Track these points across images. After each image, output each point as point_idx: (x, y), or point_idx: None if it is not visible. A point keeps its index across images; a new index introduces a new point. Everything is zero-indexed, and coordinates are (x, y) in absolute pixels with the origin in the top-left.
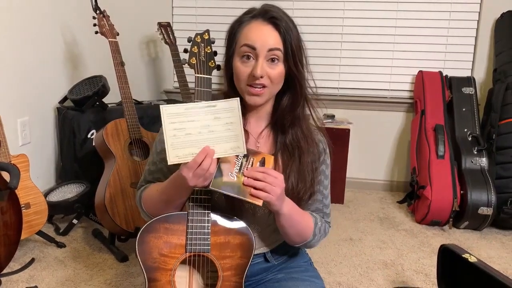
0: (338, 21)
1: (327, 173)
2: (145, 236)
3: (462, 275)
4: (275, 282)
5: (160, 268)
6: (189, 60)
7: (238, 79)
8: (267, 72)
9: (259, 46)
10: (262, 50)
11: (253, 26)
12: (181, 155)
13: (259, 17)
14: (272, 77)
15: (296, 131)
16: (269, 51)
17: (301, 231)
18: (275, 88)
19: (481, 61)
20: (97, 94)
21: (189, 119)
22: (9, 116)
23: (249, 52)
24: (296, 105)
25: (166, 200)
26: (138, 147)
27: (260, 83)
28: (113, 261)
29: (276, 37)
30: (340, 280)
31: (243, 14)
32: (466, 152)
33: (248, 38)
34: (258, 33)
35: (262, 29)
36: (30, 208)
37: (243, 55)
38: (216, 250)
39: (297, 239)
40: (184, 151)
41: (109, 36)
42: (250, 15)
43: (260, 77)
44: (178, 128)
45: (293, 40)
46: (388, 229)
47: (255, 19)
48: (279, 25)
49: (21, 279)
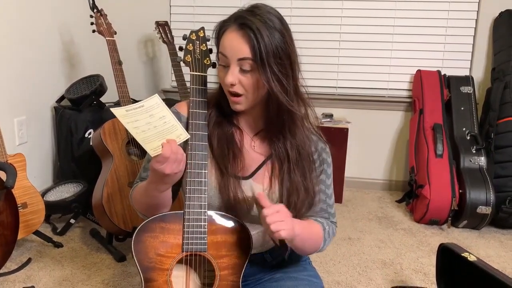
0: (336, 20)
1: (329, 172)
2: (141, 235)
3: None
4: (273, 281)
5: (157, 268)
6: (184, 58)
7: (222, 84)
8: (240, 80)
9: (229, 55)
10: (232, 59)
11: (227, 33)
12: (153, 147)
13: (234, 23)
14: (245, 86)
15: (285, 140)
16: (239, 60)
17: (313, 243)
18: (252, 96)
19: (479, 60)
20: (95, 93)
21: (134, 119)
22: (5, 115)
23: (223, 60)
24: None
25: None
26: (136, 147)
27: (233, 90)
28: (111, 261)
29: (245, 46)
30: (338, 279)
31: (229, 16)
32: (464, 151)
33: (222, 46)
34: (229, 41)
35: (233, 38)
36: (27, 208)
37: (220, 62)
38: (213, 249)
39: (311, 251)
40: (152, 144)
41: (106, 35)
42: (232, 19)
43: (231, 85)
44: (134, 127)
45: (267, 49)
46: (386, 228)
47: (231, 25)
48: (249, 34)
49: (18, 279)
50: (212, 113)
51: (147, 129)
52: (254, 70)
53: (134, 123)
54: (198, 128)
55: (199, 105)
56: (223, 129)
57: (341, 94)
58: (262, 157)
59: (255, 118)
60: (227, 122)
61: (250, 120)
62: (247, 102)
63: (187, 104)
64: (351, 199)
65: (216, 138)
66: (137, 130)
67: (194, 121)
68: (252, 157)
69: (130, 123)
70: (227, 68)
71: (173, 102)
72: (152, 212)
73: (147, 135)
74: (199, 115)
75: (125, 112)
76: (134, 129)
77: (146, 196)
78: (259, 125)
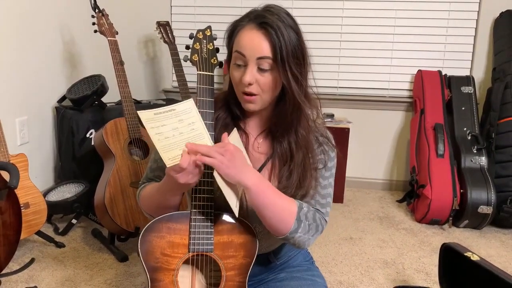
0: (337, 21)
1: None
2: (147, 235)
3: (464, 273)
4: (277, 281)
5: (163, 268)
6: (191, 57)
7: (234, 84)
8: (257, 79)
9: (248, 54)
10: (251, 58)
11: (246, 32)
12: (171, 157)
13: (253, 22)
14: (262, 85)
15: (290, 140)
16: (258, 59)
17: (280, 215)
18: (267, 95)
19: (480, 60)
20: (96, 93)
21: (160, 124)
22: (7, 116)
23: (240, 58)
24: (286, 115)
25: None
26: (138, 147)
27: (249, 91)
28: (113, 261)
29: (266, 45)
30: (341, 279)
31: (242, 16)
32: (465, 151)
33: (239, 45)
34: (248, 40)
35: (253, 36)
36: (29, 208)
37: (235, 62)
38: (219, 250)
39: (279, 224)
40: (173, 153)
41: (108, 35)
42: (247, 19)
43: (248, 84)
44: (158, 132)
45: (287, 48)
46: (388, 228)
47: (249, 24)
48: (270, 32)
49: (20, 279)
50: (219, 115)
51: (171, 136)
52: (272, 69)
53: (159, 128)
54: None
55: (206, 104)
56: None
57: (342, 94)
58: (264, 157)
59: (263, 119)
60: (234, 124)
61: (257, 121)
62: (262, 102)
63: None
64: (352, 199)
65: None
66: (159, 136)
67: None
68: (255, 157)
69: (154, 128)
70: (242, 67)
71: (174, 102)
72: (160, 213)
73: (169, 143)
74: (207, 114)
75: (152, 116)
76: (156, 135)
77: (158, 196)
78: (262, 126)
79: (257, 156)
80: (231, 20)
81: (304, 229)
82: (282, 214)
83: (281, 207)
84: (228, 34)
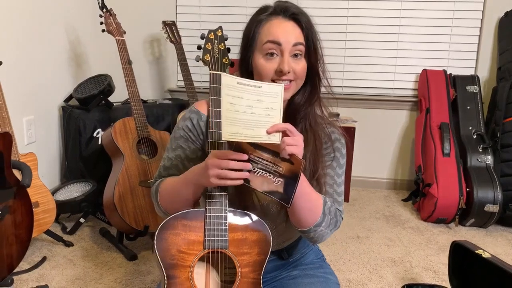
0: (342, 20)
1: (341, 162)
2: (163, 233)
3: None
4: (290, 279)
5: (179, 265)
6: (203, 57)
7: (261, 77)
8: (293, 67)
9: (283, 42)
10: (287, 46)
11: (275, 23)
12: (231, 132)
13: (279, 14)
14: (297, 72)
15: (306, 124)
16: (294, 46)
17: (311, 209)
18: (300, 82)
19: (484, 59)
20: (103, 92)
21: (238, 95)
22: (14, 115)
23: (274, 48)
24: (313, 100)
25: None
26: (146, 146)
27: (287, 78)
28: (122, 260)
29: (299, 32)
30: (349, 278)
31: (258, 13)
32: (471, 150)
33: (271, 35)
34: (281, 29)
35: (285, 25)
36: (39, 207)
37: (267, 53)
38: (234, 247)
39: (308, 216)
40: (233, 128)
41: (116, 34)
42: (266, 13)
43: (287, 72)
44: (230, 102)
45: (314, 35)
46: (394, 227)
47: (275, 16)
48: (301, 20)
49: (30, 278)
50: None
51: (242, 112)
52: (304, 55)
53: (235, 98)
54: (218, 127)
55: (218, 103)
56: None
57: (347, 94)
58: None
59: None
60: None
61: None
62: (295, 89)
63: (206, 103)
64: (357, 198)
65: None
66: (230, 106)
67: (214, 120)
68: None
69: (230, 96)
70: (276, 57)
71: (179, 102)
72: (178, 207)
73: (237, 117)
74: (219, 113)
75: (234, 83)
76: (228, 104)
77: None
78: None
79: None
80: (236, 19)
81: (326, 223)
82: (312, 205)
83: (313, 198)
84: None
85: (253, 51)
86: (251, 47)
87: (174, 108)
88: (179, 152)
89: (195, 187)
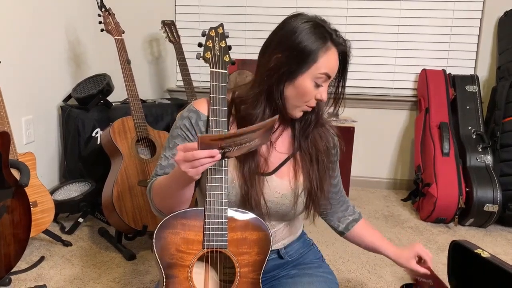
0: (341, 20)
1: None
2: (162, 232)
3: (474, 270)
4: (289, 278)
5: (178, 264)
6: (204, 54)
7: (300, 97)
8: None
9: (331, 77)
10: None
11: (334, 56)
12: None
13: (338, 47)
14: None
15: (315, 133)
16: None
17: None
18: None
19: (484, 59)
20: (102, 92)
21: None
22: (13, 115)
23: (325, 80)
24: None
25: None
26: (145, 145)
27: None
28: (121, 260)
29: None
30: (349, 277)
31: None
32: (470, 149)
33: (329, 68)
34: (335, 64)
35: (337, 60)
36: (37, 207)
37: (317, 81)
38: (233, 246)
39: None
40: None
41: (115, 34)
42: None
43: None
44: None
45: None
46: (393, 226)
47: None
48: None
49: (29, 278)
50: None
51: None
52: None
53: None
54: (218, 125)
55: (219, 102)
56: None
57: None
58: (284, 155)
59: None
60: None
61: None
62: None
63: (207, 101)
64: (356, 198)
65: None
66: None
67: (214, 118)
68: (274, 153)
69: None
70: (319, 87)
71: (179, 101)
72: (170, 208)
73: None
74: (220, 112)
75: None
76: None
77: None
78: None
79: (276, 153)
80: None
81: None
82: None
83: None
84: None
85: (305, 71)
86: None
87: (173, 108)
88: (176, 151)
89: (182, 182)
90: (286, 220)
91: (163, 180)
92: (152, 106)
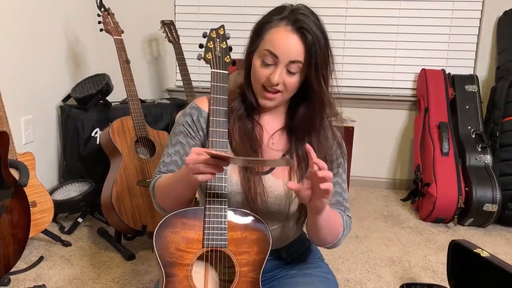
0: (341, 20)
1: (345, 167)
2: (162, 231)
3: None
4: (288, 278)
5: (177, 263)
6: (204, 55)
7: (254, 79)
8: (284, 79)
9: (281, 56)
10: (283, 60)
11: (280, 32)
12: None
13: (288, 23)
14: (287, 86)
15: (311, 141)
16: (290, 63)
17: (334, 228)
18: (288, 95)
19: (483, 59)
20: (101, 92)
21: None
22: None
23: (271, 58)
24: (313, 117)
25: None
26: (144, 145)
27: (273, 89)
28: (120, 260)
29: (300, 49)
30: (348, 277)
31: (273, 12)
32: (470, 149)
33: (272, 45)
34: (283, 42)
35: (288, 39)
36: (36, 207)
37: (264, 59)
38: (233, 246)
39: (331, 238)
40: None
41: (114, 33)
42: (279, 16)
43: (276, 84)
44: None
45: (319, 53)
46: (393, 226)
47: (284, 24)
48: (307, 37)
49: (28, 278)
50: (234, 106)
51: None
52: (300, 72)
53: None
54: (218, 125)
55: (220, 102)
56: (245, 123)
57: (346, 93)
58: (280, 154)
59: (276, 115)
60: (248, 117)
61: (272, 117)
62: (281, 100)
63: (207, 99)
64: (356, 198)
65: (238, 133)
66: None
67: (215, 118)
68: (270, 153)
69: None
70: (271, 66)
71: (178, 101)
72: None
73: None
74: (220, 112)
75: None
76: None
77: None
78: (278, 122)
79: (273, 152)
80: (235, 19)
81: (344, 235)
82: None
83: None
84: (257, 27)
85: (255, 50)
86: (254, 45)
87: (173, 107)
88: (178, 147)
89: (185, 183)
90: (280, 221)
91: (167, 179)
92: (151, 106)
